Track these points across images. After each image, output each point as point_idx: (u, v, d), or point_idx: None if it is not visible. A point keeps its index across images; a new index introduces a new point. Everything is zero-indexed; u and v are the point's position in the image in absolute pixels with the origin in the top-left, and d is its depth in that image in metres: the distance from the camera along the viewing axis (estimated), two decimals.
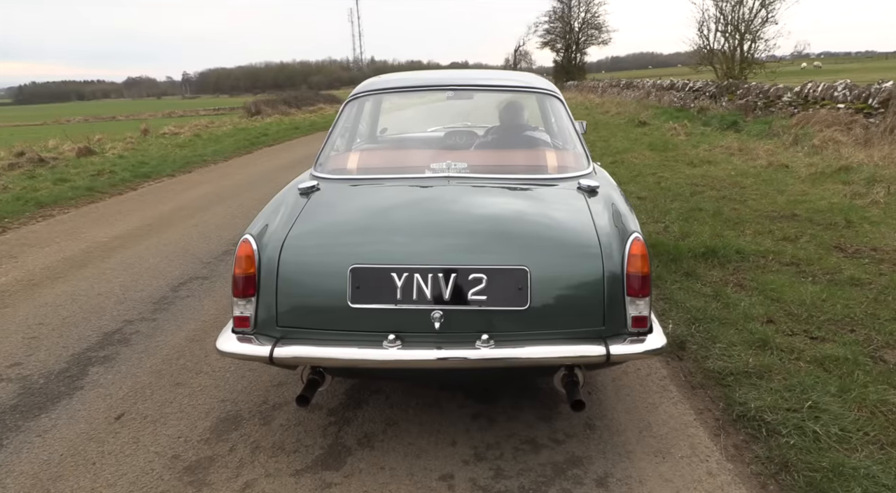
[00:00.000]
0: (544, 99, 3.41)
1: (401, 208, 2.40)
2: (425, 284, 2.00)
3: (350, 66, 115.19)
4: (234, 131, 17.50)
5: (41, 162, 10.25)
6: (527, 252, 2.06)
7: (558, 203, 2.45)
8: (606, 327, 2.03)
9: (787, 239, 4.58)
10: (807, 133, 8.54)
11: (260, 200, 7.24)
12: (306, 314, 2.07)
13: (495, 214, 2.32)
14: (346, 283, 2.01)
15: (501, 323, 2.00)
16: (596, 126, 14.35)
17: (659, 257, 4.29)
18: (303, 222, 2.27)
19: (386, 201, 2.48)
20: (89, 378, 2.83)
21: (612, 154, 9.50)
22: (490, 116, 3.76)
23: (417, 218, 2.30)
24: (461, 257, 2.04)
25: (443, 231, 2.20)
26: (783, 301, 3.42)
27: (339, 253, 2.09)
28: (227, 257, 4.80)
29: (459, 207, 2.37)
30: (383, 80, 3.38)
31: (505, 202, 2.47)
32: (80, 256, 4.96)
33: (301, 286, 2.07)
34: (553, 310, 2.02)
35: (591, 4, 40.92)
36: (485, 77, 3.42)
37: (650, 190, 6.68)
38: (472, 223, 2.23)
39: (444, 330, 2.00)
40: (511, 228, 2.20)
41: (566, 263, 2.07)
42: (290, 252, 2.12)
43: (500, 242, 2.12)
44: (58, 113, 65.17)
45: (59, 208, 6.93)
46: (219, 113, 43.45)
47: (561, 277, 2.04)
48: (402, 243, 2.12)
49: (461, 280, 2.00)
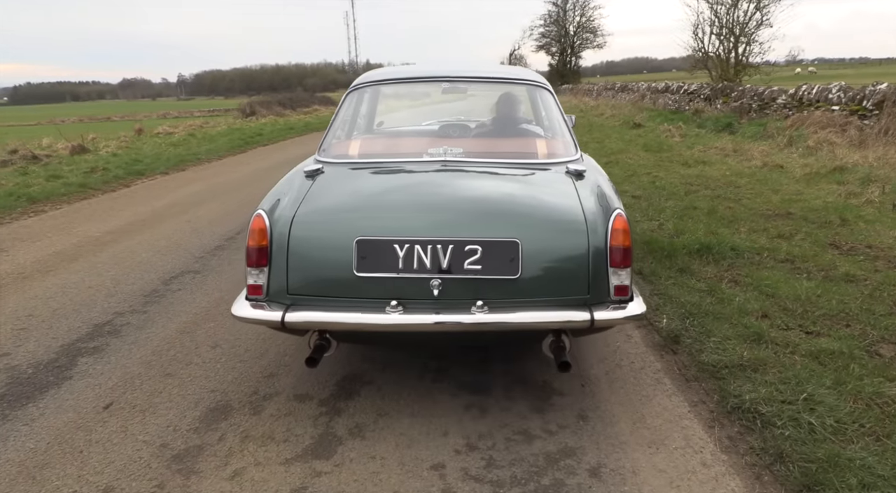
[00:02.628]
0: (535, 91, 3.54)
1: (402, 188, 2.59)
2: (425, 254, 2.14)
3: (346, 68, 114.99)
4: (229, 131, 17.45)
5: (34, 159, 10.18)
6: (518, 227, 2.21)
7: (548, 185, 2.63)
8: (591, 296, 2.20)
9: (781, 236, 4.59)
10: (801, 135, 8.58)
11: (253, 196, 7.20)
12: (315, 283, 2.22)
13: (489, 193, 2.48)
14: (353, 254, 2.15)
15: (494, 291, 2.15)
16: (591, 128, 14.38)
17: (653, 254, 4.28)
18: (310, 201, 2.40)
19: (387, 182, 2.68)
20: (78, 368, 2.79)
21: (606, 155, 9.50)
22: (484, 112, 3.89)
23: (418, 196, 2.46)
24: (458, 231, 2.18)
25: (441, 208, 2.34)
26: (778, 297, 3.42)
27: (345, 227, 2.23)
28: (220, 252, 4.77)
29: (456, 186, 2.53)
30: (382, 72, 3.60)
31: (498, 184, 2.63)
32: (72, 250, 4.91)
33: (310, 258, 2.22)
34: (542, 279, 2.18)
35: (587, 8, 41.13)
36: (479, 70, 3.58)
37: (645, 189, 6.68)
38: (468, 201, 2.37)
39: (441, 297, 2.14)
40: (504, 205, 2.36)
41: (555, 237, 2.22)
42: (299, 228, 2.26)
43: (493, 217, 2.26)
44: (52, 113, 64.95)
45: (52, 204, 6.87)
46: (214, 114, 43.32)
47: (550, 249, 2.20)
48: (403, 218, 2.26)
49: (458, 251, 2.14)
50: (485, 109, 3.95)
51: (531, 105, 3.77)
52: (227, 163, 10.98)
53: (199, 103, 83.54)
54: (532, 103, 3.76)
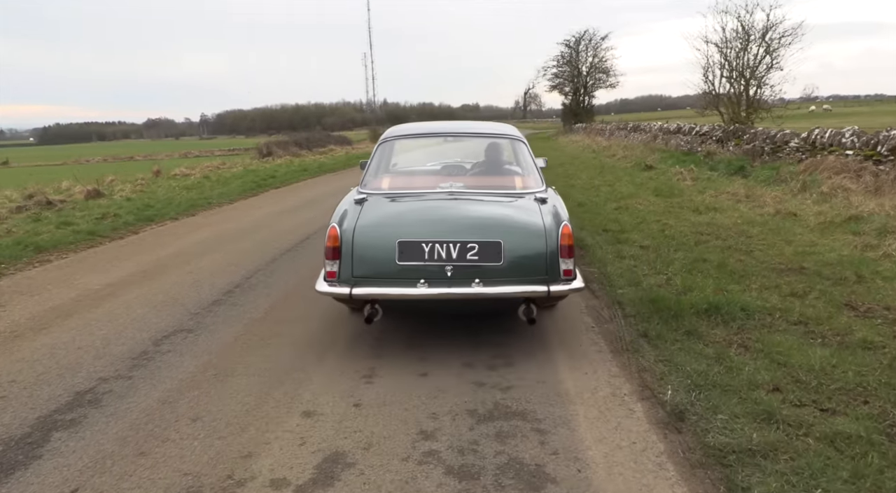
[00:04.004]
0: (513, 143, 4.86)
1: (425, 209, 3.83)
2: (442, 250, 3.37)
3: (363, 108, 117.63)
4: (244, 173, 17.69)
5: (49, 205, 10.33)
6: (502, 233, 3.47)
7: (522, 207, 3.84)
8: (548, 276, 3.43)
9: (794, 295, 4.39)
10: (815, 180, 8.41)
11: (258, 244, 7.19)
12: (370, 269, 3.44)
13: (482, 212, 3.78)
14: (395, 250, 3.39)
15: (486, 273, 3.37)
16: (602, 170, 14.33)
17: (659, 314, 4.11)
18: (364, 218, 3.63)
19: (415, 205, 3.93)
20: (50, 445, 2.68)
21: (616, 199, 9.40)
22: (474, 154, 5.24)
23: (436, 213, 3.73)
24: (463, 235, 3.42)
25: (452, 221, 3.60)
26: (790, 366, 3.23)
27: (390, 234, 3.47)
28: (216, 308, 4.69)
29: (461, 208, 3.80)
30: (401, 129, 5.01)
31: (488, 207, 3.90)
32: (69, 305, 4.87)
33: (367, 254, 3.45)
34: (517, 266, 3.41)
35: (599, 49, 41.64)
36: (471, 127, 5.30)
37: (654, 238, 6.53)
38: (469, 217, 3.66)
39: (452, 277, 3.37)
40: (492, 220, 3.65)
41: (525, 239, 3.49)
42: (359, 234, 3.50)
43: (485, 227, 3.52)
44: (78, 153, 66.88)
45: (58, 253, 6.90)
46: (233, 153, 44.29)
47: (522, 247, 3.45)
48: (428, 227, 3.50)
49: (463, 248, 3.38)
50: (472, 151, 5.37)
51: (512, 152, 4.98)
52: (237, 207, 11.05)
53: (220, 143, 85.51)
54: (513, 152, 4.95)
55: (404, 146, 5.12)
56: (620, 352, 3.69)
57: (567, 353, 3.73)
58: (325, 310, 4.59)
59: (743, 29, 14.75)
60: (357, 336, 4.05)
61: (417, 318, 4.30)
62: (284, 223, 8.83)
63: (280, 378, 3.38)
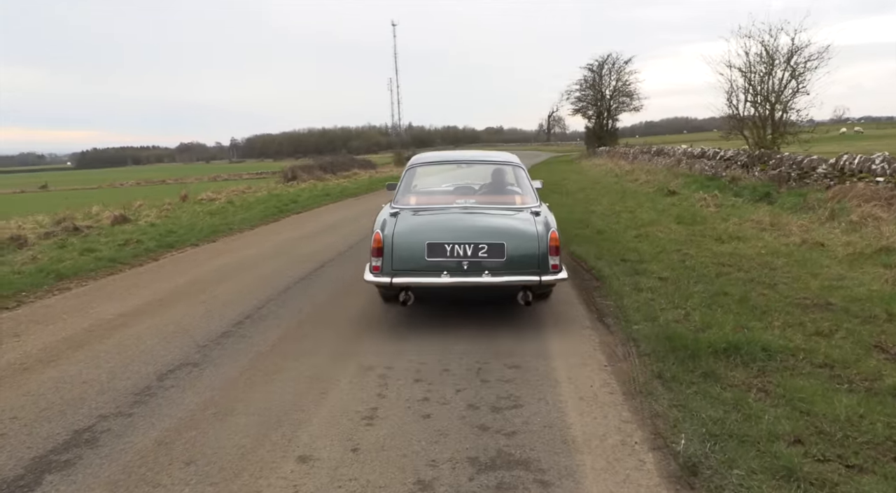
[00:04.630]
0: (514, 169, 6.06)
1: (446, 219, 4.89)
2: (460, 250, 4.44)
3: (388, 131, 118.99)
4: (267, 198, 17.93)
5: (75, 230, 10.56)
6: (505, 237, 4.55)
7: (520, 219, 4.92)
8: (539, 269, 4.49)
9: (820, 334, 4.18)
10: (844, 208, 8.13)
11: (274, 271, 7.19)
12: (406, 264, 4.50)
13: (490, 222, 4.86)
14: (425, 250, 4.47)
15: (493, 267, 4.44)
16: (623, 195, 14.14)
17: (675, 353, 3.94)
18: (399, 226, 4.72)
19: (438, 216, 4.98)
20: (41, 489, 2.64)
21: (637, 227, 9.21)
22: (482, 177, 6.38)
23: (455, 222, 4.79)
24: (476, 238, 4.49)
25: (467, 228, 4.66)
26: (814, 415, 3.04)
27: (420, 237, 4.55)
28: (224, 341, 4.67)
29: (474, 218, 4.89)
30: (423, 157, 6.36)
31: (495, 218, 4.98)
32: (81, 335, 4.90)
33: (403, 253, 4.52)
34: (516, 262, 4.47)
35: (622, 73, 41.56)
36: (480, 156, 6.60)
37: (673, 269, 6.34)
38: (480, 225, 4.73)
39: (468, 270, 4.43)
40: (498, 227, 4.73)
41: (522, 242, 4.56)
42: (398, 238, 4.57)
43: (492, 232, 4.61)
44: (113, 177, 69.01)
45: (78, 281, 7.00)
46: (261, 177, 45.20)
47: (520, 247, 4.52)
48: (449, 233, 4.58)
49: (475, 248, 4.45)
50: (480, 175, 6.48)
51: (513, 176, 6.06)
52: (258, 233, 11.16)
53: (248, 166, 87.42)
54: (513, 175, 6.06)
55: (426, 171, 6.31)
56: (633, 395, 3.53)
57: (577, 394, 3.59)
58: (333, 343, 4.53)
59: (767, 53, 14.53)
60: (363, 371, 3.98)
61: (426, 353, 4.23)
62: (302, 249, 8.85)
63: (279, 418, 3.31)
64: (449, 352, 4.30)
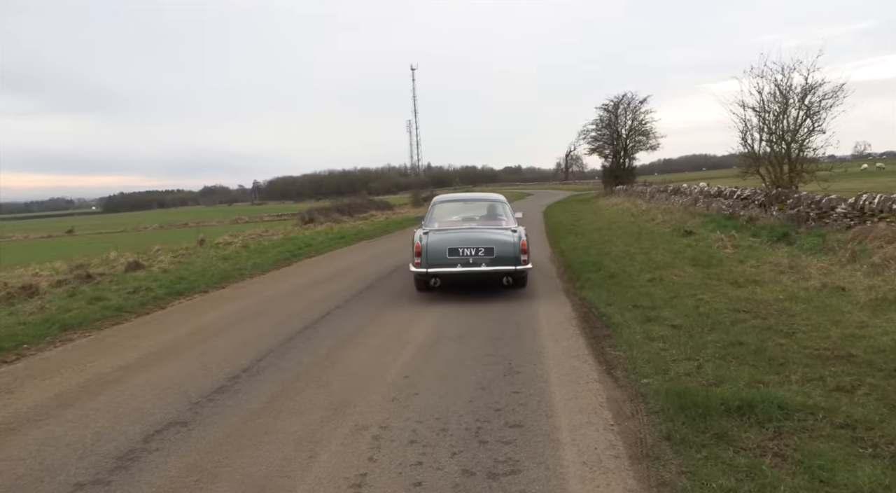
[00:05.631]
0: (501, 204, 9.09)
1: (460, 234, 8.06)
2: (467, 251, 7.75)
3: (407, 172, 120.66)
4: (282, 241, 18.05)
5: (88, 278, 10.66)
6: (494, 244, 7.83)
7: (505, 233, 8.05)
8: (515, 262, 7.75)
9: (841, 389, 3.91)
10: (865, 250, 7.83)
11: (279, 320, 7.09)
12: (435, 261, 7.77)
13: (486, 235, 8.01)
14: (446, 252, 7.78)
15: (487, 261, 7.73)
16: (639, 236, 13.92)
17: (685, 411, 3.71)
18: (430, 239, 7.95)
19: (454, 233, 8.07)
20: None
21: (651, 270, 8.98)
22: (480, 210, 9.29)
23: (465, 236, 7.99)
24: (477, 244, 7.80)
25: (472, 239, 7.90)
26: (834, 485, 2.78)
27: (444, 245, 7.82)
28: (218, 397, 4.54)
29: (477, 233, 8.10)
30: (442, 198, 9.77)
31: (489, 233, 8.10)
32: (74, 391, 4.81)
33: (434, 253, 7.79)
34: (501, 258, 7.75)
35: (638, 113, 41.65)
36: (479, 196, 11.07)
37: (687, 316, 6.10)
38: (480, 237, 7.95)
39: (472, 263, 7.72)
40: (491, 238, 7.92)
41: (505, 246, 7.81)
42: (430, 246, 7.85)
43: (487, 240, 7.88)
44: (137, 221, 70.59)
45: (82, 332, 6.98)
46: (280, 219, 45.84)
47: (504, 249, 7.78)
48: (461, 241, 7.86)
49: (476, 250, 7.75)
50: (479, 208, 9.38)
51: (501, 209, 8.99)
52: (267, 278, 11.14)
53: (269, 208, 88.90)
54: (501, 208, 9.00)
55: (443, 205, 9.36)
56: (640, 459, 3.30)
57: (580, 457, 3.37)
58: (329, 399, 4.38)
59: (780, 93, 14.40)
60: (357, 431, 3.80)
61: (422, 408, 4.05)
62: (310, 296, 8.77)
63: (263, 486, 3.14)
64: (449, 410, 4.12)
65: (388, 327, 6.64)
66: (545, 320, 6.65)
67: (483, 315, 7.03)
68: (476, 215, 9.14)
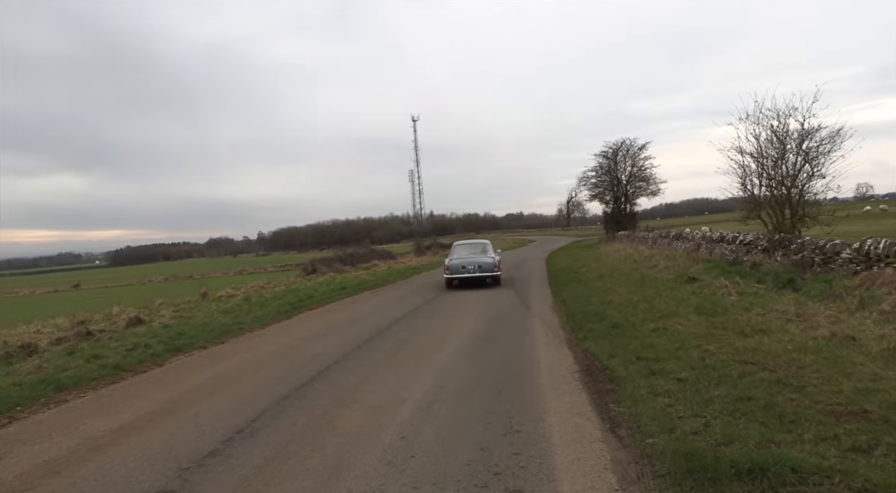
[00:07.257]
0: (488, 245, 19.52)
1: (466, 260, 18.00)
2: (470, 267, 17.62)
3: (410, 221, 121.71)
4: (284, 294, 18.00)
5: (88, 335, 10.57)
6: (481, 262, 17.76)
7: (488, 258, 17.99)
8: (493, 272, 17.59)
9: (857, 449, 3.75)
10: (874, 296, 7.71)
11: (276, 376, 6.94)
12: (454, 272, 17.68)
13: (478, 259, 17.97)
14: (461, 267, 17.71)
15: (479, 271, 17.61)
16: (642, 283, 13.80)
17: (693, 475, 3.55)
18: (452, 262, 18.04)
19: (463, 260, 17.99)
20: None
21: (655, 319, 8.84)
22: (475, 247, 19.25)
23: (469, 260, 17.92)
24: (474, 263, 17.73)
25: (472, 261, 17.85)
26: None
27: (458, 263, 17.89)
28: (210, 461, 4.39)
29: (474, 258, 18.06)
30: (458, 242, 21.05)
31: (479, 258, 18.07)
32: (63, 458, 4.67)
33: (454, 268, 17.74)
34: (485, 269, 17.58)
35: (637, 159, 42.13)
36: (476, 240, 22.52)
37: (693, 368, 5.95)
38: (476, 260, 17.90)
39: (472, 272, 17.57)
40: (481, 260, 17.84)
41: (488, 264, 17.69)
42: (452, 264, 17.92)
43: (479, 262, 17.77)
44: (143, 273, 70.92)
45: (77, 392, 6.85)
46: (284, 269, 45.95)
47: (486, 265, 17.65)
48: (467, 262, 17.81)
49: (475, 265, 17.66)
50: (476, 247, 19.20)
51: (489, 247, 19.06)
52: (267, 333, 11.03)
53: (274, 259, 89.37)
54: (490, 247, 19.11)
55: (458, 247, 19.28)
56: None
57: None
58: (324, 463, 4.22)
59: (777, 138, 14.55)
60: None
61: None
62: (309, 350, 8.64)
63: None
64: (446, 475, 3.96)
65: (386, 383, 6.50)
66: (547, 374, 6.49)
67: (484, 366, 6.89)
68: (475, 250, 18.67)
